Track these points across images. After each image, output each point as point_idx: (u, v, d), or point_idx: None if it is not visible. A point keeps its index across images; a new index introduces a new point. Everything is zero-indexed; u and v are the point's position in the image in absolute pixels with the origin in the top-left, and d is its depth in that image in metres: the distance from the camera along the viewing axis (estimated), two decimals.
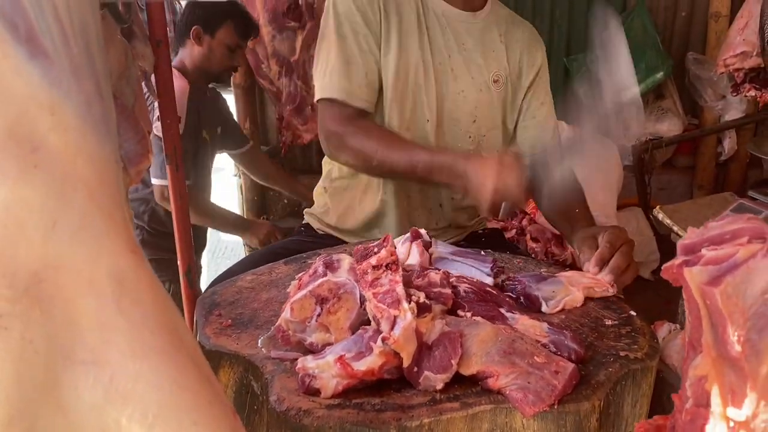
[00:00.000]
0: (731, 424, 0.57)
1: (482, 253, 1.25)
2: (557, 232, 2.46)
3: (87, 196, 0.36)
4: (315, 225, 1.74)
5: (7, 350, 0.33)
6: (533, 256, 2.32)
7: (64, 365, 0.35)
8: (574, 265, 2.37)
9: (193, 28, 2.43)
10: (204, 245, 2.77)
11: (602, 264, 1.16)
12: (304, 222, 1.79)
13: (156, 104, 1.76)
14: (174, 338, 0.37)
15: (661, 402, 1.15)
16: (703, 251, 0.58)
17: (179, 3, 3.09)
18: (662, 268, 0.61)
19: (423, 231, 1.19)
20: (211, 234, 2.87)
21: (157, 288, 0.38)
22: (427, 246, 1.17)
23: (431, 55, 1.48)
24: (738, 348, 0.55)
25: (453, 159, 1.29)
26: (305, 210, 1.80)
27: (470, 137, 1.55)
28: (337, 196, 1.66)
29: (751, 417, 0.56)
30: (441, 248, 1.22)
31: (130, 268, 0.37)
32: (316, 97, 1.46)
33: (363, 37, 1.43)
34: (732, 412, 0.56)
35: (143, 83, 1.67)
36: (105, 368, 0.35)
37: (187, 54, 2.49)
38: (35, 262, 0.34)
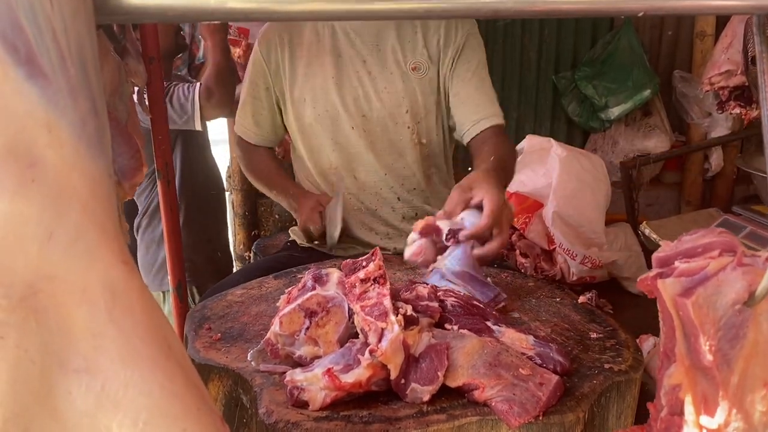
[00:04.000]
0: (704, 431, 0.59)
1: (488, 280, 1.19)
2: (547, 248, 2.48)
3: (81, 209, 0.38)
4: (299, 240, 1.77)
5: (3, 358, 0.34)
6: (522, 271, 2.34)
7: (58, 373, 0.36)
8: (564, 281, 2.38)
9: None
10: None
11: (480, 237, 1.16)
12: (290, 239, 1.83)
13: None
14: (163, 346, 0.38)
15: (646, 414, 1.16)
16: (677, 264, 0.60)
17: None
18: (638, 280, 0.63)
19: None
20: None
21: (147, 297, 0.39)
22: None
23: (342, 68, 1.61)
24: (710, 357, 0.57)
25: (292, 196, 1.70)
26: (291, 229, 1.85)
27: (409, 127, 1.64)
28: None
29: (723, 425, 0.58)
30: (449, 264, 1.18)
31: (121, 279, 0.38)
32: None
33: (261, 81, 1.69)
34: (705, 420, 0.58)
35: (135, 99, 1.69)
36: (97, 376, 0.36)
37: None
38: (31, 273, 0.36)
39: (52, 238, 0.36)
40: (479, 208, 1.18)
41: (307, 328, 0.91)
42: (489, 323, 0.99)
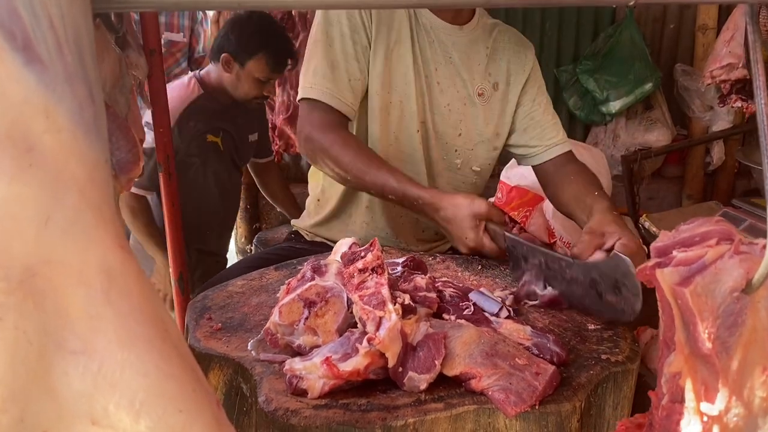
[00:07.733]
0: (705, 418, 0.59)
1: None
2: (547, 241, 2.49)
3: (78, 193, 0.38)
4: (303, 233, 1.76)
5: (1, 339, 0.35)
6: None
7: (55, 354, 0.36)
8: None
9: (223, 54, 2.27)
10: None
11: None
12: (293, 229, 1.81)
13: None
14: (159, 329, 0.39)
15: (644, 405, 1.16)
16: (675, 253, 0.60)
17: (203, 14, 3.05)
18: (637, 270, 0.63)
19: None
20: None
21: (143, 281, 0.40)
22: None
23: (422, 67, 1.49)
24: (709, 345, 0.57)
25: (423, 198, 1.30)
26: (293, 221, 1.82)
27: (456, 151, 1.57)
28: (325, 207, 1.67)
29: (724, 411, 0.58)
30: None
31: (118, 262, 0.39)
32: (299, 96, 1.46)
33: (350, 41, 1.44)
34: (705, 406, 0.59)
35: (136, 92, 1.69)
36: (94, 357, 0.37)
37: (215, 73, 2.35)
38: (29, 256, 0.36)
39: (50, 222, 0.37)
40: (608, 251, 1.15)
41: (306, 318, 0.92)
42: (487, 314, 1.00)
